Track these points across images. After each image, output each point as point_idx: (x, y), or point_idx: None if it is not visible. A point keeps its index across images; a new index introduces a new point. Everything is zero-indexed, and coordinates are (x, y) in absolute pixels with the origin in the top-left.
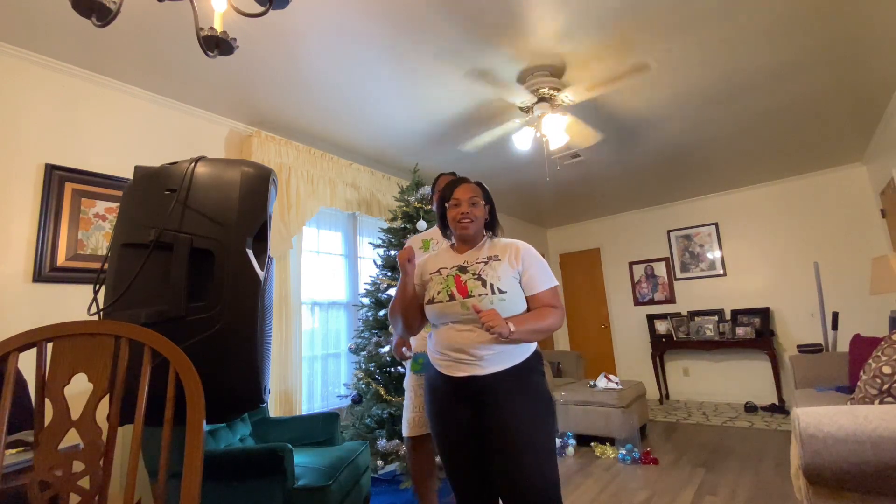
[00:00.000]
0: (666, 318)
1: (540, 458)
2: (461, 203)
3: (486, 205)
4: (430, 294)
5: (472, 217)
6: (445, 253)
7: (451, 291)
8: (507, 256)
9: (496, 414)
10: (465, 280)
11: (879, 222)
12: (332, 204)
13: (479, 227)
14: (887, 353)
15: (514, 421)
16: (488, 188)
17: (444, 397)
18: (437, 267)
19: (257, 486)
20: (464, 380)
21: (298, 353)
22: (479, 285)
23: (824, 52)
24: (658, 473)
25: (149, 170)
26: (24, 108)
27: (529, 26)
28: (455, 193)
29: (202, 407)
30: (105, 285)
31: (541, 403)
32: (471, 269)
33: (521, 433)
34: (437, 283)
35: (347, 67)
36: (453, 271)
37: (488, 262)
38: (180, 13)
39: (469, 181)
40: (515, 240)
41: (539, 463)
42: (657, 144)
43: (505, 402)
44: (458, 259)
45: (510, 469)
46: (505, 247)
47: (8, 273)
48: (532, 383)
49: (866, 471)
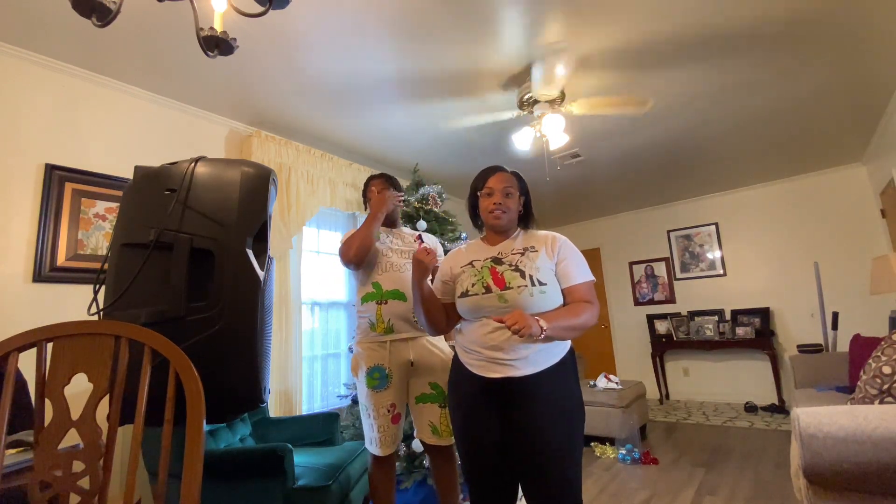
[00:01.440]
0: (666, 318)
1: (568, 464)
2: (494, 193)
3: (522, 196)
4: (464, 287)
5: (506, 208)
6: (475, 245)
7: (486, 283)
8: (545, 247)
9: (528, 418)
10: (502, 271)
11: (879, 222)
12: (332, 204)
13: (512, 219)
14: (887, 353)
15: (546, 426)
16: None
17: (472, 399)
18: (469, 259)
19: (257, 486)
20: (497, 381)
21: (298, 353)
22: (518, 276)
23: (824, 52)
24: (658, 473)
25: (149, 170)
26: (24, 108)
27: (529, 28)
28: (489, 182)
29: (202, 407)
30: (105, 285)
31: (573, 407)
32: (506, 260)
33: (553, 439)
34: (471, 275)
35: (347, 67)
36: (487, 263)
37: (525, 252)
38: (180, 13)
39: (505, 170)
40: (551, 232)
41: (566, 468)
42: (657, 144)
43: (538, 405)
44: (490, 251)
45: (538, 479)
46: (542, 238)
47: (8, 273)
48: (567, 386)
49: (866, 471)
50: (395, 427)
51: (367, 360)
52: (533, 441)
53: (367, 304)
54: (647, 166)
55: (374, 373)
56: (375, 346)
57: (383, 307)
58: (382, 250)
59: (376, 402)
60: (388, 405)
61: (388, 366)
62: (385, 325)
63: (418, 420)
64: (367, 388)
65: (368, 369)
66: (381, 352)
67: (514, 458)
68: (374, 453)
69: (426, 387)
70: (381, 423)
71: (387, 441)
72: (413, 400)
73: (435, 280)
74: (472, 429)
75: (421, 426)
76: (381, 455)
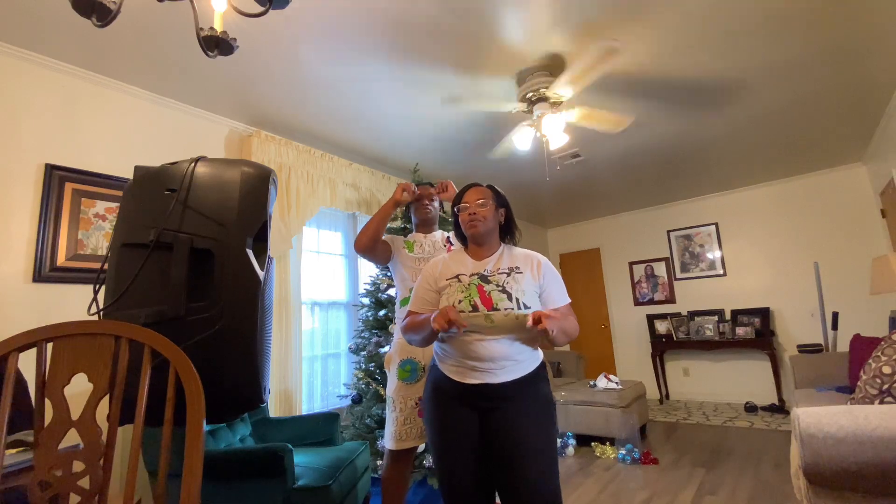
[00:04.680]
0: (666, 318)
1: (544, 466)
2: (469, 206)
3: (500, 208)
4: (450, 301)
5: (481, 217)
6: (459, 256)
7: (473, 301)
8: (529, 269)
9: (503, 421)
10: (489, 291)
11: (879, 222)
12: (332, 204)
13: (489, 228)
14: (887, 353)
15: (521, 428)
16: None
17: (450, 401)
18: (455, 273)
19: (257, 486)
20: (475, 386)
21: (298, 353)
22: (505, 298)
23: (824, 51)
24: (658, 473)
25: (149, 170)
26: (24, 108)
27: (519, 29)
28: (464, 198)
29: (202, 407)
30: (105, 285)
31: (547, 410)
32: (493, 280)
33: (528, 440)
34: (458, 290)
35: (347, 67)
36: (474, 280)
37: (510, 273)
38: (180, 13)
39: (480, 185)
40: (532, 252)
41: (543, 470)
42: (657, 144)
43: (513, 409)
44: (476, 266)
45: (515, 476)
46: (525, 258)
47: (8, 273)
48: (540, 391)
49: (866, 471)
50: (421, 421)
51: (400, 354)
52: (508, 445)
53: (404, 309)
54: (648, 166)
55: (406, 365)
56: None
57: None
58: (418, 259)
59: (405, 393)
60: (416, 398)
61: (420, 359)
62: None
63: None
64: (397, 380)
65: (401, 361)
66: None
67: (492, 461)
68: (394, 447)
69: None
70: (406, 416)
71: (411, 433)
72: None
73: (423, 288)
74: (446, 430)
75: None
76: (395, 449)
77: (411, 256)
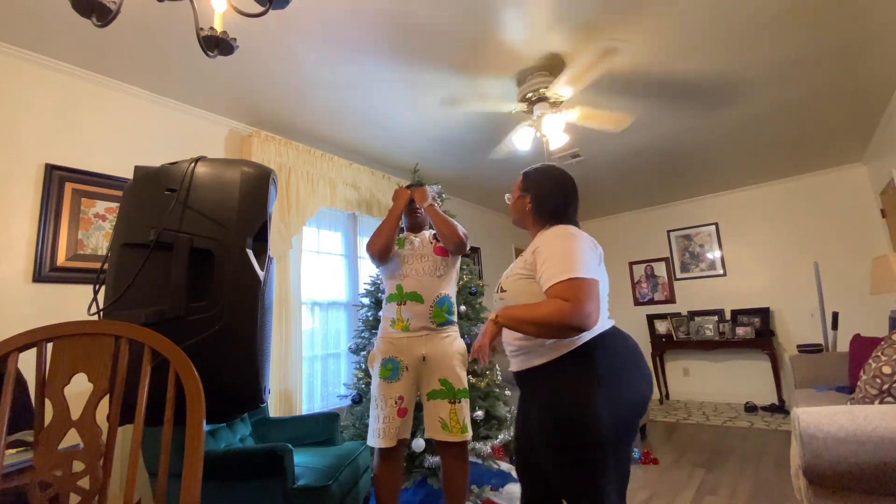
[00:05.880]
0: (666, 318)
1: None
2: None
3: (528, 193)
4: None
5: (511, 209)
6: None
7: (499, 285)
8: (529, 252)
9: (522, 413)
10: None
11: (879, 222)
12: (332, 204)
13: (517, 218)
14: (887, 353)
15: (528, 430)
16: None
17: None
18: None
19: (257, 486)
20: (514, 373)
21: (298, 353)
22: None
23: (824, 51)
24: (658, 473)
25: (149, 170)
26: (24, 108)
27: (519, 29)
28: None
29: (202, 407)
30: (105, 285)
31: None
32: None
33: (536, 441)
34: None
35: (347, 68)
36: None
37: (519, 255)
38: (180, 13)
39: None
40: (551, 231)
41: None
42: (657, 144)
43: (521, 405)
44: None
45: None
46: (538, 239)
47: (8, 273)
48: (542, 389)
49: (866, 471)
50: (400, 420)
51: (383, 353)
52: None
53: (390, 305)
54: (647, 166)
55: (387, 364)
56: (392, 341)
57: (402, 307)
58: (407, 256)
59: (386, 392)
60: (396, 397)
61: (402, 359)
62: (403, 324)
63: (429, 417)
64: (379, 379)
65: (383, 360)
66: (397, 346)
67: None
68: (375, 445)
69: (436, 383)
70: (387, 414)
71: (389, 432)
72: (425, 397)
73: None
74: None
75: (431, 423)
76: (382, 446)
77: (400, 252)
